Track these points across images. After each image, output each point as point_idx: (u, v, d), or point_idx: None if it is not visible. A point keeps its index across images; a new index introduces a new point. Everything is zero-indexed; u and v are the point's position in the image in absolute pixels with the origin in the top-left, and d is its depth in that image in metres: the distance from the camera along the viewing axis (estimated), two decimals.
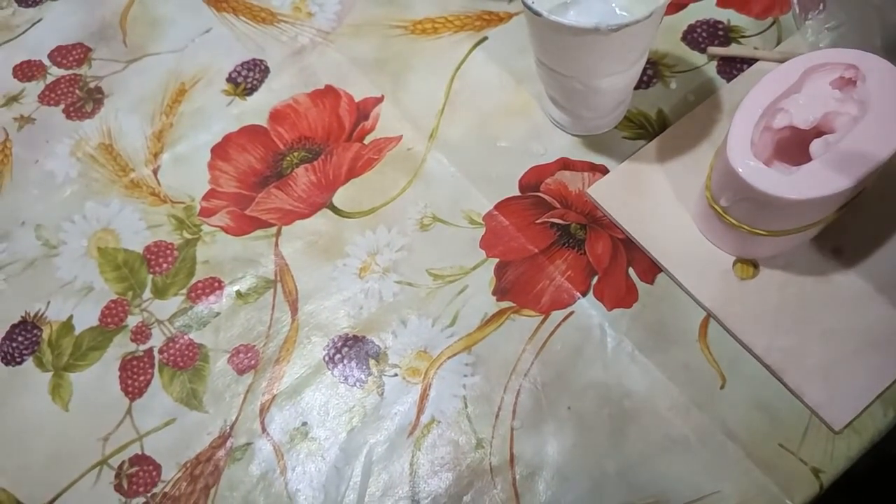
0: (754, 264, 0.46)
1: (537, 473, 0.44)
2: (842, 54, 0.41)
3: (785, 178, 0.39)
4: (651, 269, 0.48)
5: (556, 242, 0.49)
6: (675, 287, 0.47)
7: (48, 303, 0.51)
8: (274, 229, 0.52)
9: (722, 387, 0.44)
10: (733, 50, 0.54)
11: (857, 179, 0.38)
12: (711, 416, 0.44)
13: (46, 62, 0.61)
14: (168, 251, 0.52)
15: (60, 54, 0.61)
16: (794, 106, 0.41)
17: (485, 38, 0.57)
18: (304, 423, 0.46)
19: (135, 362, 0.49)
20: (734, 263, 0.47)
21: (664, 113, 0.53)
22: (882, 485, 0.58)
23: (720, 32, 0.55)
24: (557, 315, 0.47)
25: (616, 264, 0.48)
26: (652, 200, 0.49)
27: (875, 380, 0.43)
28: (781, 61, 0.43)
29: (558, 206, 0.50)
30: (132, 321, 0.50)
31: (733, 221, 0.43)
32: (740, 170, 0.39)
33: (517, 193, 0.51)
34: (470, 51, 0.57)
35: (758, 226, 0.42)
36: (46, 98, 0.59)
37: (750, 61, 0.54)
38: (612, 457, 0.43)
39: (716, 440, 0.43)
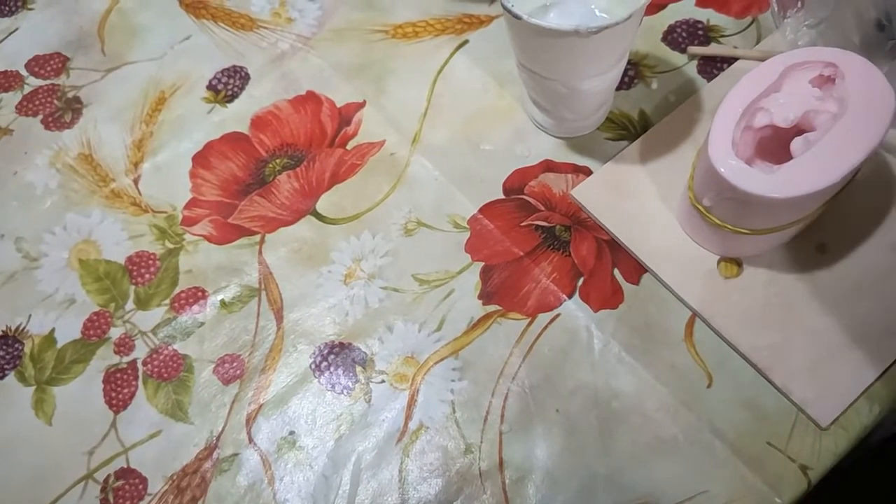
0: (738, 263, 0.47)
1: (527, 477, 0.43)
2: (821, 52, 0.41)
3: (766, 176, 0.39)
4: (636, 269, 0.48)
5: (541, 245, 0.49)
6: (660, 287, 0.47)
7: (29, 316, 0.51)
8: (257, 237, 0.52)
9: (709, 386, 0.44)
10: (713, 49, 0.54)
11: (839, 176, 0.38)
12: (699, 416, 0.44)
13: (23, 72, 0.60)
14: (150, 261, 0.52)
15: (38, 64, 0.60)
16: (775, 105, 0.41)
17: (466, 42, 0.57)
18: (292, 433, 0.46)
19: (118, 374, 0.48)
20: (718, 262, 0.47)
21: (646, 113, 0.53)
22: (870, 480, 0.58)
23: (700, 32, 0.55)
24: (544, 318, 0.47)
25: (601, 265, 0.48)
26: (636, 201, 0.49)
27: (860, 375, 0.43)
28: (761, 60, 0.44)
29: (542, 208, 0.50)
30: (115, 333, 0.50)
31: (716, 221, 0.43)
32: (722, 169, 0.39)
33: (501, 196, 0.51)
34: (451, 54, 0.57)
35: (741, 225, 0.42)
36: (24, 109, 0.59)
37: (730, 60, 0.54)
38: (601, 459, 0.43)
39: (704, 439, 0.43)
